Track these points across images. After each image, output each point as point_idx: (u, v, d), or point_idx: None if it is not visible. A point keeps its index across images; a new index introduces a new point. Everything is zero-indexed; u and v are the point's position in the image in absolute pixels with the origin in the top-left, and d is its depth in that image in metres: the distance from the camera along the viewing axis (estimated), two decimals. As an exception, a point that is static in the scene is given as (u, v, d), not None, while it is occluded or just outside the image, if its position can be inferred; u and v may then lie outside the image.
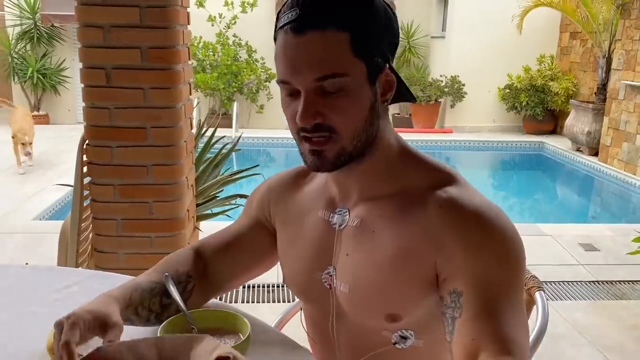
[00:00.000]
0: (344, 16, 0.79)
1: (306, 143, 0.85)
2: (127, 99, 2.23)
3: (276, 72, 0.86)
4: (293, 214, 1.04)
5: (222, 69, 8.99)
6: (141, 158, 2.29)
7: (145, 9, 2.16)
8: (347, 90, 0.81)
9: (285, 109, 0.87)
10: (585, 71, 8.51)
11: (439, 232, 0.84)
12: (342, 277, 0.94)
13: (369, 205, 0.92)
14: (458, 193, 0.86)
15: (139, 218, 2.34)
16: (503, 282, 0.82)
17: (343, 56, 0.80)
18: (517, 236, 0.85)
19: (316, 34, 0.79)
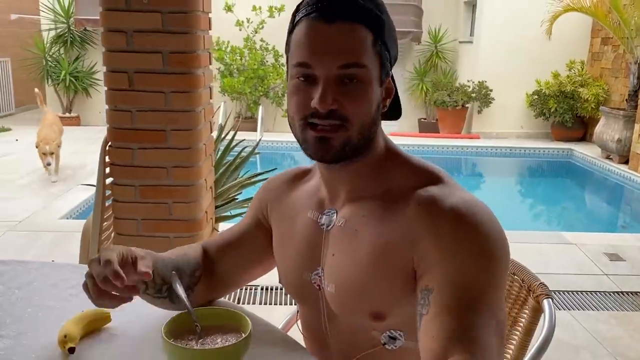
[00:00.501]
0: (371, 16, 0.85)
1: (311, 130, 0.86)
2: (149, 102, 2.28)
3: (293, 56, 0.87)
4: (286, 214, 1.06)
5: (249, 73, 9.08)
6: (161, 160, 2.34)
7: (167, 14, 2.22)
8: (363, 82, 0.85)
9: (294, 94, 0.88)
10: (616, 77, 8.34)
11: (415, 229, 0.85)
12: (329, 277, 0.96)
13: (354, 205, 0.94)
14: (438, 192, 0.87)
15: (158, 218, 2.39)
16: (475, 282, 0.81)
17: (366, 49, 0.84)
18: (497, 235, 0.84)
19: (345, 25, 0.83)
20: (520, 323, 1.37)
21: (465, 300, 0.79)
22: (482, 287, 0.81)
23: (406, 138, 8.83)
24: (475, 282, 0.81)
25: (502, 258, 0.84)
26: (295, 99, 0.87)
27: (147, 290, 1.04)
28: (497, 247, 0.84)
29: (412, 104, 9.78)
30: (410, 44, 9.50)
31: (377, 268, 0.89)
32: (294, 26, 0.88)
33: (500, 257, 0.84)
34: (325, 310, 1.00)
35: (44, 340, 1.08)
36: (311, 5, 0.85)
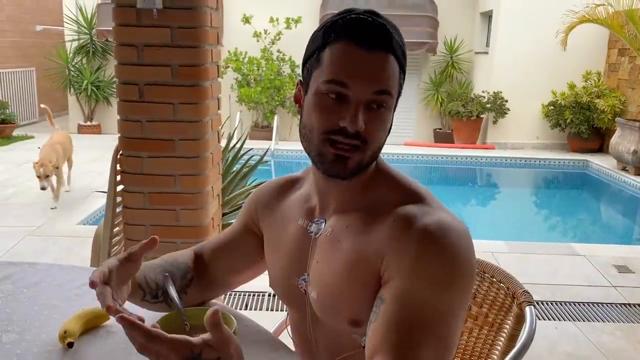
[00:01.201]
0: (399, 48, 0.91)
1: (332, 148, 0.91)
2: (158, 113, 2.38)
3: (325, 73, 0.90)
4: (277, 221, 1.12)
5: (266, 83, 9.22)
6: (169, 168, 2.43)
7: (176, 29, 2.31)
8: (387, 110, 0.92)
9: (318, 108, 0.91)
10: (633, 88, 8.28)
11: (385, 243, 0.90)
12: (313, 283, 1.02)
13: (342, 216, 1.00)
14: (416, 210, 0.91)
15: (166, 224, 2.47)
16: (425, 306, 0.84)
17: (394, 80, 0.91)
18: (462, 262, 0.87)
19: (383, 55, 0.89)
20: (505, 330, 1.42)
21: (411, 320, 0.83)
22: (432, 312, 0.83)
23: (421, 148, 8.85)
24: (426, 306, 0.84)
25: (462, 286, 0.87)
26: (320, 114, 0.91)
27: (145, 297, 1.11)
28: (458, 274, 0.86)
29: (428, 114, 9.82)
30: (426, 55, 9.55)
31: (351, 276, 0.94)
32: (326, 43, 0.91)
33: (460, 285, 0.86)
34: (310, 314, 1.06)
35: (46, 336, 1.16)
36: (350, 29, 0.89)
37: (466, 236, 0.90)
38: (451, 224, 0.89)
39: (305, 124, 0.95)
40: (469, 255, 0.89)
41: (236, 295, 3.36)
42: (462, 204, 6.92)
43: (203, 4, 2.33)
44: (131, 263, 0.98)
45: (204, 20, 2.35)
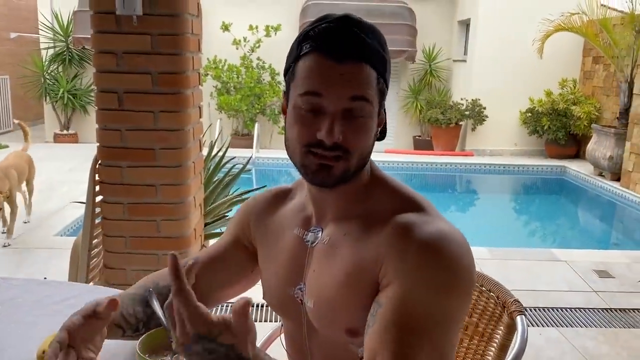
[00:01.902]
0: (374, 57, 0.89)
1: (313, 157, 0.90)
2: (138, 121, 2.33)
3: (299, 85, 0.89)
4: (271, 232, 1.10)
5: (246, 91, 9.17)
6: (150, 178, 2.38)
7: (157, 36, 2.27)
8: (366, 116, 0.90)
9: (297, 123, 0.90)
10: (608, 95, 8.43)
11: (384, 250, 0.89)
12: (310, 292, 1.00)
13: (338, 224, 0.98)
14: (415, 219, 0.90)
15: (146, 236, 2.42)
16: (425, 312, 0.83)
17: (371, 87, 0.89)
18: (462, 271, 0.86)
19: (355, 64, 0.87)
20: (496, 340, 1.40)
21: (409, 326, 0.82)
22: (431, 319, 0.83)
23: (402, 155, 8.88)
24: (426, 312, 0.83)
25: (461, 295, 0.86)
26: (299, 128, 0.90)
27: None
28: (458, 283, 0.86)
29: (407, 122, 9.87)
30: (405, 63, 9.61)
31: (349, 285, 0.92)
32: (299, 55, 0.90)
33: (459, 294, 0.86)
34: (306, 325, 1.04)
35: (25, 355, 1.11)
36: (320, 40, 0.88)
37: (465, 245, 0.89)
38: (450, 233, 0.89)
39: (287, 137, 0.94)
40: (468, 265, 0.88)
41: (225, 307, 3.30)
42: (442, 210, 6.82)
43: (184, 10, 2.30)
44: (98, 320, 0.93)
45: (185, 27, 2.32)
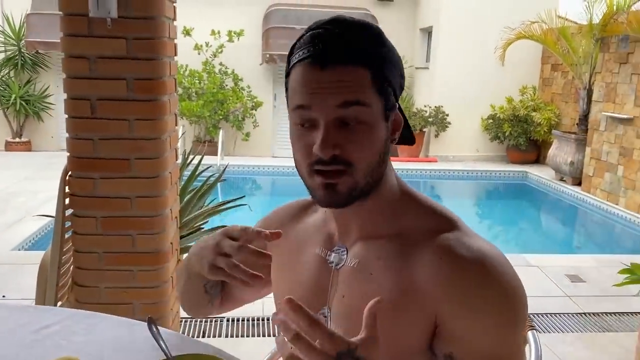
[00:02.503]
0: (366, 54, 0.81)
1: (318, 177, 0.83)
2: (112, 130, 2.19)
3: (291, 101, 0.84)
4: (288, 249, 1.01)
5: (208, 96, 9.01)
6: (125, 190, 2.25)
7: (132, 40, 2.15)
8: (366, 123, 0.81)
9: (297, 141, 0.85)
10: (566, 102, 8.67)
11: (436, 284, 0.82)
12: (337, 319, 0.91)
13: (368, 245, 0.90)
14: (458, 240, 0.84)
15: (121, 251, 2.28)
16: (502, 347, 0.80)
17: (365, 89, 0.81)
18: (519, 288, 0.83)
19: (340, 67, 0.80)
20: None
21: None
22: (509, 352, 0.81)
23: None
24: (503, 347, 0.81)
25: (525, 314, 0.84)
26: (297, 146, 0.84)
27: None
28: (522, 308, 0.83)
29: (372, 128, 9.90)
30: (369, 69, 9.64)
31: (394, 315, 0.84)
32: (289, 70, 0.85)
33: (524, 318, 0.84)
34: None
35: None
36: (303, 49, 0.82)
37: (507, 260, 0.85)
38: (495, 254, 0.84)
39: (293, 157, 0.88)
40: (518, 278, 0.84)
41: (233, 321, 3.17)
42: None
43: (161, 13, 2.18)
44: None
45: (162, 30, 2.20)
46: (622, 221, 6.39)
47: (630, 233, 6.22)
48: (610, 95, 6.77)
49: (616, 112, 6.62)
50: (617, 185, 6.60)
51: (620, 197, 6.56)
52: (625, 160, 6.49)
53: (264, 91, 9.57)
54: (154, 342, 1.23)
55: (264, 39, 9.26)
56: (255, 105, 9.37)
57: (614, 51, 6.74)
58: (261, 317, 3.29)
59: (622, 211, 6.43)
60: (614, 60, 6.73)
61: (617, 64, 6.66)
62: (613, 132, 6.71)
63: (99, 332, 1.28)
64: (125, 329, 1.32)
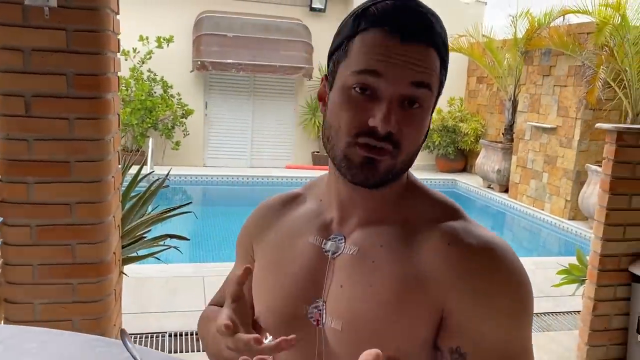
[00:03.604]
0: (440, 42, 0.79)
1: (361, 150, 0.77)
2: (50, 130, 2.01)
3: (354, 62, 0.77)
4: (275, 242, 0.94)
5: (136, 104, 8.65)
6: (64, 195, 2.06)
7: (73, 32, 1.98)
8: (424, 108, 0.78)
9: (346, 106, 0.77)
10: (492, 113, 9.04)
11: (444, 273, 0.78)
12: (334, 311, 0.84)
13: (369, 232, 0.85)
14: (463, 230, 0.81)
15: (59, 263, 2.08)
16: (512, 337, 0.77)
17: (435, 74, 0.78)
18: (527, 278, 0.80)
19: (422, 47, 0.76)
20: None
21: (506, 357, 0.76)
22: (521, 349, 0.78)
23: (302, 171, 8.84)
24: (514, 346, 0.77)
25: (533, 310, 0.80)
26: (347, 112, 0.77)
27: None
28: (531, 299, 0.80)
29: (306, 138, 9.87)
30: (302, 80, 9.63)
31: (400, 305, 0.79)
32: (356, 32, 0.78)
33: (532, 309, 0.80)
34: (323, 351, 0.86)
35: None
36: (385, 17, 0.76)
37: (510, 248, 0.82)
38: (503, 243, 0.81)
39: (329, 124, 0.80)
40: (520, 263, 0.80)
41: (176, 336, 2.97)
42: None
43: (105, 4, 2.03)
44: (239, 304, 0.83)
45: (106, 23, 2.04)
46: (547, 226, 6.70)
47: (556, 237, 6.54)
48: (535, 105, 7.11)
49: (540, 122, 6.96)
50: (542, 191, 6.92)
51: (545, 202, 6.88)
52: (550, 168, 6.82)
53: (194, 99, 9.32)
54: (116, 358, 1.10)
55: (194, 46, 9.03)
56: (185, 114, 9.10)
57: (537, 64, 7.10)
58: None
59: (548, 216, 6.75)
60: (537, 72, 7.08)
61: (540, 76, 7.02)
62: (538, 141, 7.04)
63: (54, 350, 1.13)
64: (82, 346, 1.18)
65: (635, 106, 5.82)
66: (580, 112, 6.31)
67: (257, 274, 0.95)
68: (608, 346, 2.92)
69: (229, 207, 8.05)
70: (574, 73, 6.38)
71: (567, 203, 6.50)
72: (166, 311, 3.41)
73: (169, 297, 3.66)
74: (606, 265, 2.83)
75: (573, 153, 6.41)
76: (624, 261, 2.84)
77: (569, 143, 6.48)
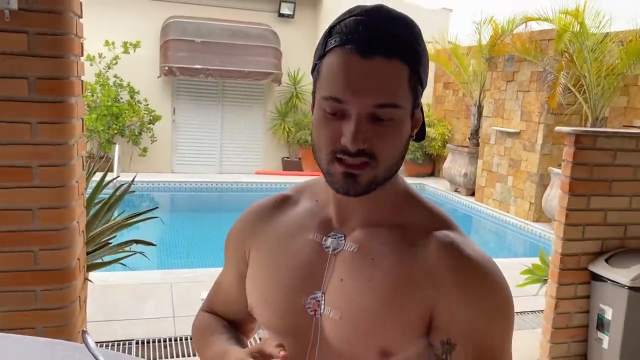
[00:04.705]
0: (408, 50, 0.80)
1: (340, 165, 0.81)
2: (11, 134, 1.97)
3: (323, 88, 0.81)
4: (272, 240, 0.98)
5: (102, 110, 8.53)
6: (25, 201, 2.02)
7: (35, 35, 1.95)
8: (396, 120, 0.81)
9: (322, 127, 0.82)
10: (458, 118, 9.20)
11: (438, 271, 0.83)
12: (333, 303, 0.88)
13: (369, 231, 0.89)
14: (458, 239, 0.86)
15: (20, 270, 2.04)
16: (496, 336, 0.83)
17: (401, 88, 0.80)
18: (509, 289, 0.86)
19: (384, 61, 0.77)
20: None
21: (489, 356, 0.82)
22: (502, 341, 0.83)
23: (272, 176, 8.84)
24: (496, 336, 0.83)
25: (514, 312, 0.87)
26: (323, 133, 0.82)
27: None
28: (511, 301, 0.86)
29: (275, 143, 9.87)
30: (271, 85, 9.64)
31: (395, 300, 0.84)
32: (324, 52, 0.81)
33: (513, 311, 0.86)
34: (318, 341, 0.89)
35: None
36: (346, 34, 0.79)
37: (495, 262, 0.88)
38: (485, 253, 0.87)
39: (313, 141, 0.86)
40: (505, 279, 0.87)
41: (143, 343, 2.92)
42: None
43: (67, 7, 2.01)
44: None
45: (69, 26, 2.02)
46: (513, 228, 6.85)
47: (521, 238, 6.68)
48: (499, 110, 7.27)
49: (504, 127, 7.12)
50: (508, 194, 7.07)
51: (510, 205, 7.03)
52: (514, 171, 6.98)
53: (162, 105, 9.23)
54: None
55: (162, 51, 8.96)
56: (153, 120, 9.01)
57: (501, 70, 7.26)
58: (173, 338, 3.11)
59: (513, 218, 6.90)
60: (501, 78, 7.25)
61: (504, 81, 7.18)
62: (502, 145, 7.20)
63: (14, 355, 1.12)
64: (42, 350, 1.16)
65: (595, 110, 6.01)
66: (542, 117, 6.49)
67: (253, 270, 0.99)
68: (569, 343, 3.00)
69: (198, 214, 7.99)
70: (536, 79, 6.55)
71: (532, 205, 6.66)
72: (133, 319, 3.37)
73: (136, 305, 3.61)
74: (567, 264, 2.92)
75: (536, 157, 6.57)
76: (584, 260, 2.93)
77: (532, 147, 6.65)
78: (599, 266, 2.86)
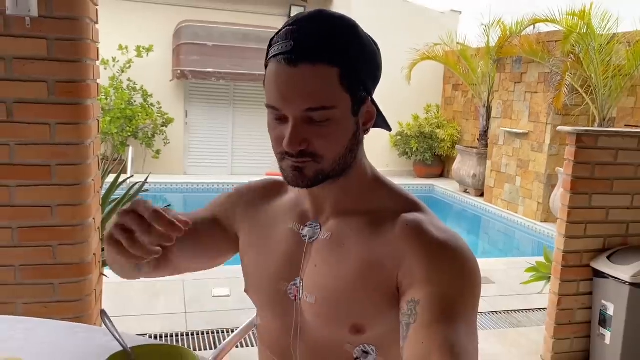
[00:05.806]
0: (335, 51, 0.83)
1: (288, 159, 0.88)
2: (31, 134, 2.08)
3: (266, 97, 0.88)
4: (261, 224, 1.05)
5: (116, 113, 8.68)
6: (45, 198, 2.13)
7: (54, 41, 2.06)
8: (333, 120, 0.85)
9: (271, 131, 0.89)
10: (467, 119, 9.24)
11: (401, 247, 0.88)
12: (309, 288, 0.96)
13: (341, 219, 0.96)
14: (424, 218, 0.91)
15: (40, 263, 2.15)
16: (458, 296, 0.84)
17: (332, 90, 0.83)
18: (474, 260, 0.88)
19: (308, 67, 0.81)
20: None
21: (451, 312, 0.82)
22: (464, 303, 0.84)
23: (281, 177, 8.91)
24: (459, 297, 0.84)
25: (479, 281, 0.89)
26: (273, 135, 0.89)
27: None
28: (477, 274, 0.88)
29: (284, 145, 9.97)
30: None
31: (362, 281, 0.90)
32: (266, 62, 0.87)
33: (478, 282, 0.88)
34: (299, 324, 0.99)
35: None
36: (278, 44, 0.84)
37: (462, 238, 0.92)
38: (461, 239, 0.91)
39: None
40: (472, 253, 0.90)
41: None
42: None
43: (84, 14, 2.11)
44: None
45: (86, 32, 2.13)
46: (521, 228, 6.88)
47: (529, 238, 6.71)
48: (507, 112, 7.31)
49: (513, 128, 7.15)
50: (516, 195, 7.10)
51: (519, 205, 7.06)
52: (522, 172, 7.01)
53: (174, 107, 9.37)
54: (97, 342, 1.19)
55: (174, 55, 9.10)
56: (165, 122, 9.15)
57: (509, 71, 7.30)
58: (185, 333, 3.20)
59: (521, 219, 6.93)
60: (509, 79, 7.29)
61: (512, 83, 7.22)
62: (511, 146, 7.23)
63: (38, 335, 1.21)
64: (64, 332, 1.26)
65: (602, 111, 6.03)
66: (550, 118, 6.52)
67: (245, 251, 1.07)
68: (572, 339, 3.06)
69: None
70: (544, 80, 6.58)
71: (539, 206, 6.69)
72: (147, 314, 3.48)
73: (150, 300, 3.72)
74: (569, 261, 2.97)
75: (544, 157, 6.60)
76: (586, 257, 2.98)
77: (540, 147, 6.67)
78: (601, 263, 2.91)
